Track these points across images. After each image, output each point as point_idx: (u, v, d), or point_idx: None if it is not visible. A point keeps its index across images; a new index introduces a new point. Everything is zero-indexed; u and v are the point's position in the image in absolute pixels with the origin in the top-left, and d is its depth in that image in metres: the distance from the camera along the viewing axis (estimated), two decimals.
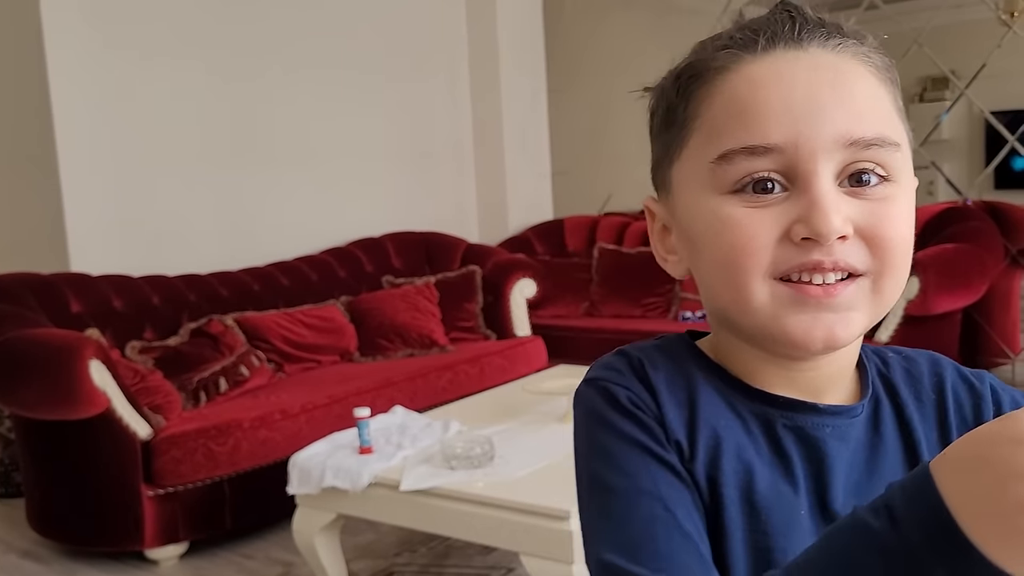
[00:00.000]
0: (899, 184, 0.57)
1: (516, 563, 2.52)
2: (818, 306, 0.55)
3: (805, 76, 0.55)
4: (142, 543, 2.69)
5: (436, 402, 3.22)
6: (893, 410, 0.63)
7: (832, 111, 0.54)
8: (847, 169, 0.55)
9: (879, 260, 0.55)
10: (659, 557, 0.54)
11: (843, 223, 0.54)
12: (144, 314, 3.31)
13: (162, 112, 3.62)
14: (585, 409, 0.62)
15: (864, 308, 0.56)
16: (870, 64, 0.57)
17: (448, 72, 4.98)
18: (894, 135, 0.56)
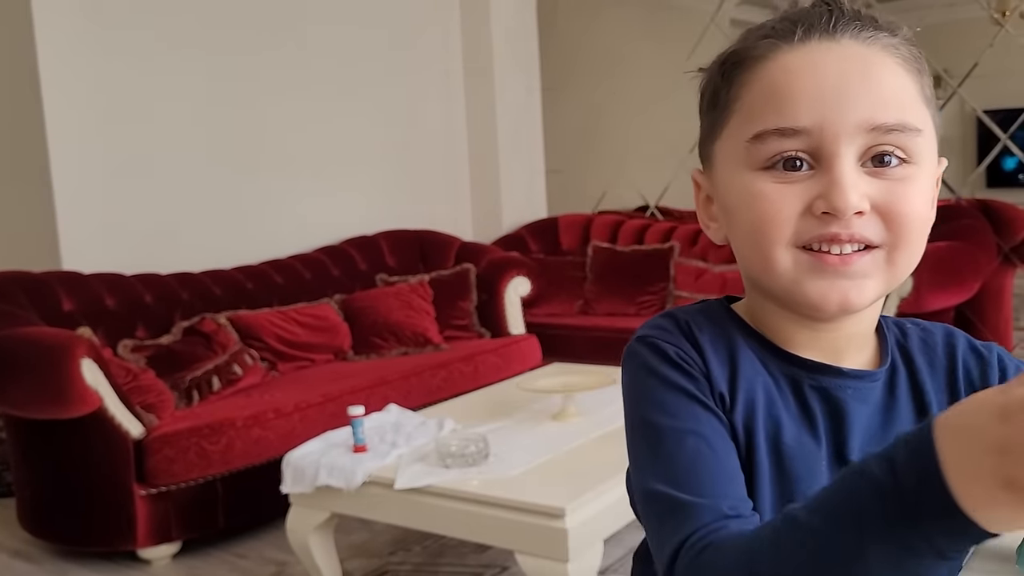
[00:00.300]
0: (919, 166, 0.62)
1: (510, 562, 2.51)
2: (835, 273, 0.61)
3: (836, 66, 0.60)
4: (135, 543, 2.68)
5: (430, 400, 3.22)
6: (908, 375, 0.68)
7: (857, 99, 0.60)
8: (870, 151, 0.61)
9: (893, 234, 0.61)
10: (702, 486, 0.61)
11: (860, 199, 0.60)
12: (136, 312, 3.30)
13: (155, 110, 3.60)
14: (636, 363, 0.69)
15: (877, 277, 0.62)
16: (898, 55, 0.62)
17: (442, 70, 4.97)
18: (916, 122, 0.61)
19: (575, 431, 2.27)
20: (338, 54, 4.35)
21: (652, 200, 5.47)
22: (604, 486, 1.92)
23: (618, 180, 5.49)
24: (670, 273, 4.43)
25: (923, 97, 0.63)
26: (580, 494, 1.85)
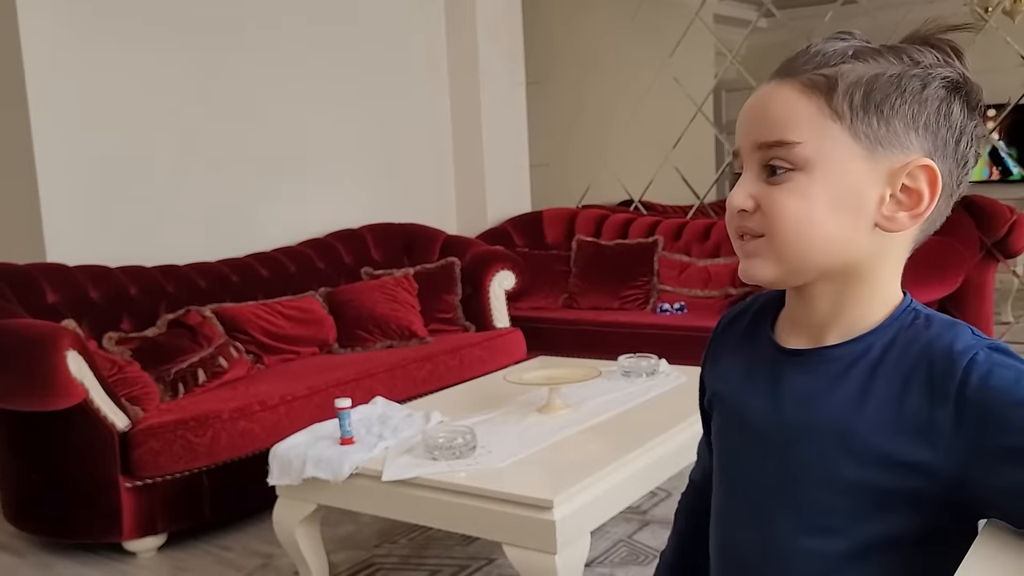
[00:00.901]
0: (809, 172, 0.73)
1: (497, 554, 2.53)
2: (742, 251, 0.78)
3: (750, 103, 0.78)
4: (120, 535, 2.67)
5: (415, 393, 3.22)
6: (873, 361, 0.75)
7: (751, 125, 0.76)
8: (765, 164, 0.75)
9: (768, 225, 0.75)
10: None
11: (743, 200, 0.76)
12: (121, 305, 3.28)
13: (141, 103, 3.58)
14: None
15: (766, 257, 0.76)
16: (800, 84, 0.74)
17: (427, 63, 4.97)
18: (795, 136, 0.73)
19: (561, 424, 2.29)
20: (324, 48, 4.34)
21: (636, 194, 5.49)
22: (591, 478, 1.93)
23: (602, 174, 5.51)
24: (654, 267, 4.45)
25: (828, 113, 0.72)
26: (568, 486, 1.86)
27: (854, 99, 0.72)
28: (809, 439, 0.76)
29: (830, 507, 0.75)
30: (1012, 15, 5.31)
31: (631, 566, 2.45)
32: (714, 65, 6.49)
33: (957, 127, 0.74)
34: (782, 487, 0.78)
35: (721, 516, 0.87)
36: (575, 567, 1.86)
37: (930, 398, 0.70)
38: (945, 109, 0.73)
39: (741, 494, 0.83)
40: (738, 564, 0.84)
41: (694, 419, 2.35)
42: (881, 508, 0.72)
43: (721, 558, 0.87)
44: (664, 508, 2.84)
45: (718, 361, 0.90)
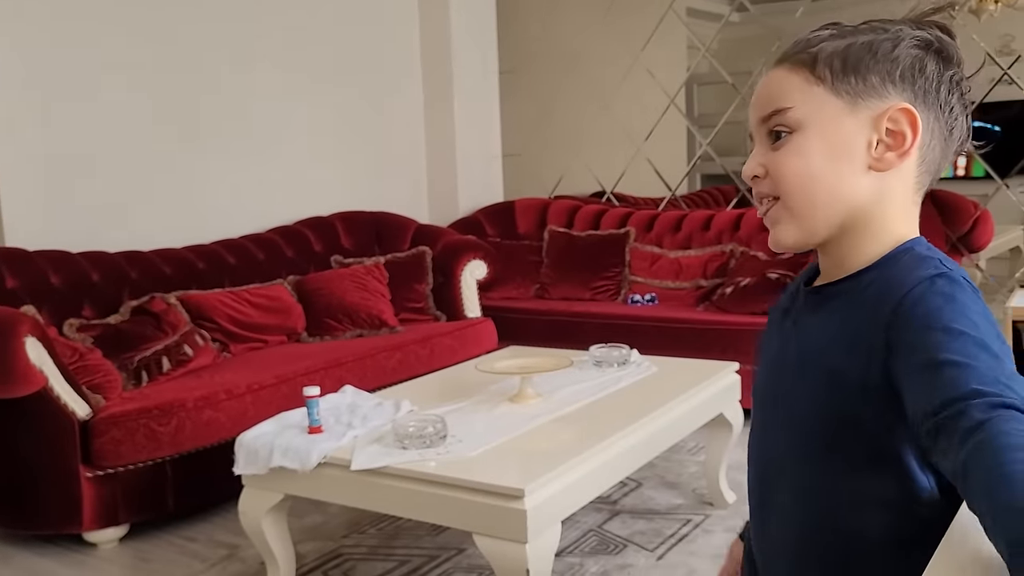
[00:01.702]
0: (803, 130, 0.84)
1: (466, 544, 2.51)
2: (767, 221, 0.88)
3: (757, 88, 0.89)
4: (80, 526, 2.61)
5: (385, 383, 3.19)
6: (858, 295, 0.82)
7: (756, 105, 0.88)
8: (770, 134, 0.86)
9: (777, 186, 0.85)
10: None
11: (754, 167, 0.87)
12: (83, 291, 3.21)
13: (102, 84, 3.50)
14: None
15: (785, 220, 0.86)
16: (790, 63, 0.85)
17: (399, 50, 4.92)
18: (784, 102, 0.84)
19: (533, 413, 2.27)
20: (294, 33, 4.28)
21: (609, 186, 5.48)
22: (562, 467, 1.92)
23: (575, 165, 5.49)
24: (625, 258, 4.45)
25: (812, 79, 0.83)
26: (539, 475, 1.84)
27: (833, 65, 0.83)
28: (804, 365, 0.85)
29: (808, 429, 0.84)
30: (978, 14, 5.36)
31: (601, 555, 2.44)
32: (686, 58, 6.49)
33: (934, 77, 0.83)
34: (775, 412, 0.90)
35: (754, 448, 0.96)
36: (545, 556, 1.84)
37: (879, 321, 0.77)
38: (919, 64, 0.82)
39: (757, 424, 0.94)
40: (756, 481, 0.94)
41: (665, 409, 2.36)
42: (853, 426, 0.79)
43: (749, 490, 0.97)
44: (633, 498, 2.84)
45: (768, 325, 1.00)
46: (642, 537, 2.55)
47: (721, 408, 2.66)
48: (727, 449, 2.74)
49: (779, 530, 0.90)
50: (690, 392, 2.50)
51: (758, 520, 0.95)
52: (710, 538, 2.53)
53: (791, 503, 0.88)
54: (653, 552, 2.46)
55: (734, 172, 5.56)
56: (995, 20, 5.44)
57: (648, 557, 2.43)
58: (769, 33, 5.09)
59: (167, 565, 2.56)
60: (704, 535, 2.56)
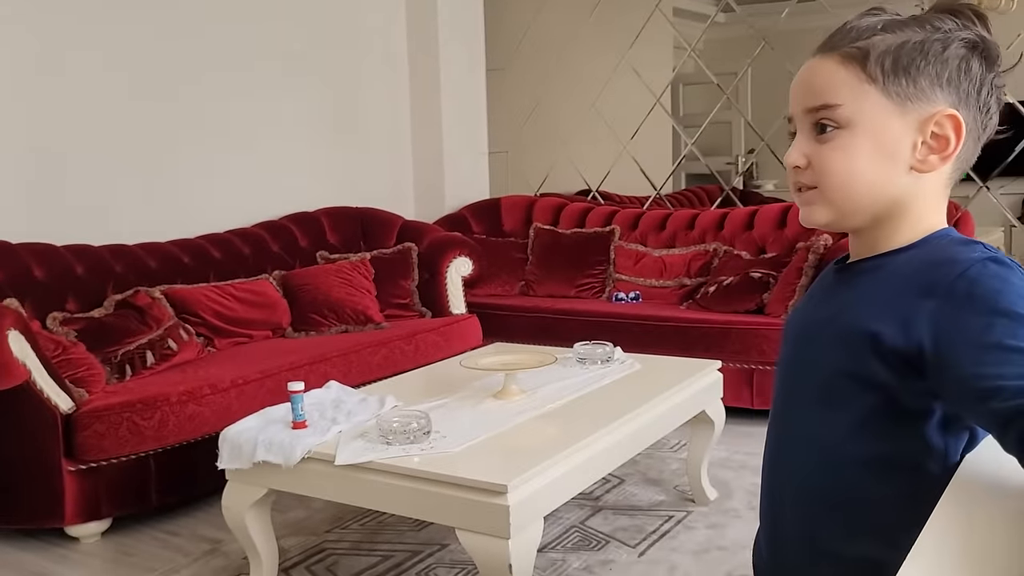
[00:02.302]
0: (852, 129, 0.87)
1: (449, 539, 2.52)
2: (800, 201, 0.93)
3: (799, 76, 0.93)
4: (62, 519, 2.60)
5: (370, 378, 3.20)
6: (890, 270, 0.88)
7: (800, 94, 0.91)
8: (816, 125, 0.89)
9: (819, 178, 0.90)
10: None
11: (797, 158, 0.91)
12: (66, 284, 3.20)
13: (87, 76, 3.49)
14: None
15: (820, 204, 0.91)
16: (838, 56, 0.88)
17: (386, 46, 4.91)
18: (837, 99, 0.87)
19: (517, 409, 2.28)
20: (281, 26, 4.27)
21: (594, 184, 5.50)
22: (546, 463, 1.93)
23: (561, 163, 5.51)
24: (610, 256, 4.47)
25: (864, 78, 0.86)
26: (522, 471, 1.85)
27: (885, 65, 0.86)
28: (827, 328, 0.90)
29: (834, 385, 0.88)
30: None
31: (583, 551, 2.46)
32: (672, 58, 6.52)
33: (977, 79, 0.86)
34: (806, 372, 0.93)
35: (771, 418, 1.02)
36: (528, 552, 1.85)
37: (921, 293, 0.81)
38: (965, 66, 0.86)
39: (780, 386, 0.99)
40: (773, 443, 0.99)
41: (648, 406, 2.38)
42: (869, 386, 0.85)
43: (763, 468, 1.02)
44: (616, 495, 2.86)
45: (801, 301, 1.05)
46: (624, 533, 2.57)
47: (703, 406, 2.69)
48: (709, 446, 2.77)
49: (793, 484, 0.95)
50: (673, 390, 2.52)
51: (773, 472, 1.00)
52: (692, 535, 2.56)
53: (806, 457, 0.93)
54: (635, 548, 2.48)
55: (718, 172, 5.59)
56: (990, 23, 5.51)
57: (630, 553, 2.45)
58: (755, 34, 5.12)
59: (149, 559, 2.55)
60: (686, 531, 2.58)
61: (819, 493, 0.91)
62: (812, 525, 0.92)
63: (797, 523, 0.94)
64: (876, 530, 0.88)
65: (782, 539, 0.98)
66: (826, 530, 0.91)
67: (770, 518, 1.00)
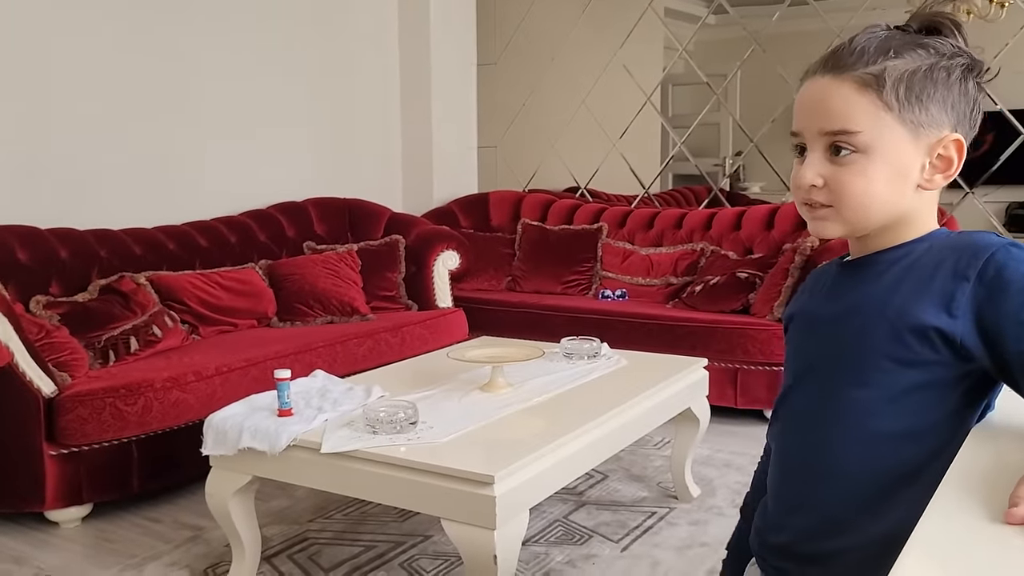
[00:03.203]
0: (869, 154, 0.91)
1: (433, 531, 2.52)
2: (811, 216, 0.97)
3: (809, 94, 0.95)
4: (42, 504, 2.59)
5: (355, 369, 3.19)
6: (913, 260, 0.92)
7: (814, 114, 0.94)
8: (831, 146, 0.93)
9: (836, 199, 0.94)
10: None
11: (813, 177, 0.94)
12: (51, 268, 3.17)
13: (71, 55, 3.46)
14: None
15: (834, 220, 0.95)
16: (854, 80, 0.91)
17: (377, 38, 4.90)
18: (856, 126, 0.91)
19: (504, 401, 2.28)
20: (272, 14, 4.25)
21: (583, 181, 5.51)
22: (532, 456, 1.93)
23: (550, 159, 5.51)
24: (598, 253, 4.47)
25: (880, 105, 0.90)
26: (509, 463, 1.85)
27: (899, 93, 0.90)
28: (856, 314, 0.94)
29: (870, 365, 0.92)
30: None
31: (566, 545, 2.47)
32: (663, 58, 6.53)
33: (972, 101, 0.93)
34: (834, 354, 0.96)
35: (780, 404, 1.06)
36: (513, 543, 1.85)
37: (954, 277, 0.87)
38: (963, 88, 0.92)
39: (807, 375, 1.01)
40: (797, 430, 1.02)
41: (633, 402, 2.38)
42: (907, 365, 0.90)
43: (782, 446, 1.05)
44: (599, 490, 2.87)
45: (799, 297, 1.10)
46: (607, 528, 2.58)
47: (689, 403, 2.70)
48: (693, 444, 2.78)
49: (819, 461, 0.98)
50: (659, 386, 2.53)
51: (793, 450, 1.03)
52: (674, 531, 2.57)
53: (836, 434, 0.96)
54: (618, 543, 2.48)
55: (707, 172, 5.61)
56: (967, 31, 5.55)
57: (613, 548, 2.45)
58: (746, 36, 5.14)
59: (130, 545, 2.54)
60: (668, 527, 2.59)
61: (848, 468, 0.95)
62: (840, 500, 0.96)
63: (822, 498, 0.97)
64: (902, 503, 0.91)
65: (803, 510, 1.00)
66: (853, 505, 0.94)
67: (787, 492, 1.03)
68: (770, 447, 1.13)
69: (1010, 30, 4.30)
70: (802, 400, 1.01)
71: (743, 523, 1.23)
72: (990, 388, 0.92)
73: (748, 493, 1.24)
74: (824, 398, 0.97)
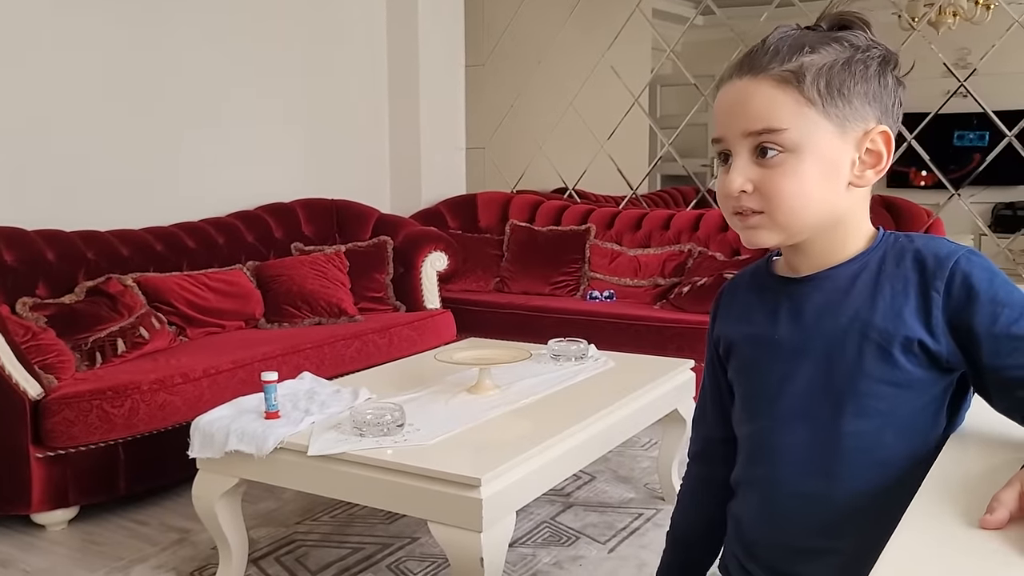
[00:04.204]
0: (798, 152, 0.88)
1: (420, 533, 2.52)
2: (743, 226, 0.93)
3: (729, 97, 0.92)
4: (29, 507, 2.58)
5: (343, 371, 3.19)
6: (874, 272, 0.91)
7: (736, 116, 0.91)
8: (756, 148, 0.90)
9: (768, 203, 0.90)
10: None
11: (743, 183, 0.90)
12: (37, 270, 3.16)
13: (59, 56, 3.44)
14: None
15: (768, 228, 0.91)
16: (774, 78, 0.89)
17: (366, 39, 4.90)
18: (781, 123, 0.88)
19: (491, 403, 2.29)
20: (260, 15, 4.24)
21: (571, 182, 5.52)
22: (519, 458, 1.94)
23: (538, 160, 5.51)
24: (586, 254, 4.48)
25: (803, 100, 0.88)
26: (495, 465, 1.86)
27: (820, 87, 0.88)
28: (838, 341, 0.91)
29: (864, 392, 0.90)
30: (936, 26, 5.49)
31: (553, 547, 2.47)
32: (651, 59, 6.54)
33: (892, 92, 0.92)
34: (823, 387, 0.93)
35: (757, 438, 1.01)
36: (500, 546, 1.86)
37: (926, 289, 0.87)
38: (883, 81, 0.91)
39: (783, 407, 0.96)
40: (793, 465, 0.96)
41: (620, 404, 2.39)
42: (903, 387, 0.89)
43: (758, 478, 1.01)
44: (586, 491, 2.88)
45: (730, 315, 1.06)
46: (594, 529, 2.59)
47: (676, 404, 2.71)
48: (680, 445, 2.79)
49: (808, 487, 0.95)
50: (646, 388, 2.54)
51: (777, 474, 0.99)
52: (661, 532, 2.57)
53: (832, 461, 0.94)
54: (605, 544, 2.49)
55: (695, 173, 5.63)
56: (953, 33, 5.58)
57: (600, 549, 2.46)
58: (732, 37, 5.16)
59: (117, 548, 2.53)
60: (655, 529, 2.60)
61: (856, 496, 0.92)
62: (844, 523, 0.93)
63: (826, 522, 0.95)
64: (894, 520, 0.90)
65: (803, 536, 0.97)
66: (857, 524, 0.92)
67: (781, 520, 0.99)
68: (710, 477, 1.12)
69: (996, 32, 4.34)
70: (789, 437, 0.97)
71: (675, 554, 1.19)
72: (968, 387, 0.93)
73: (676, 519, 1.20)
74: (819, 432, 0.94)
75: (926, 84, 5.22)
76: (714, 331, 1.09)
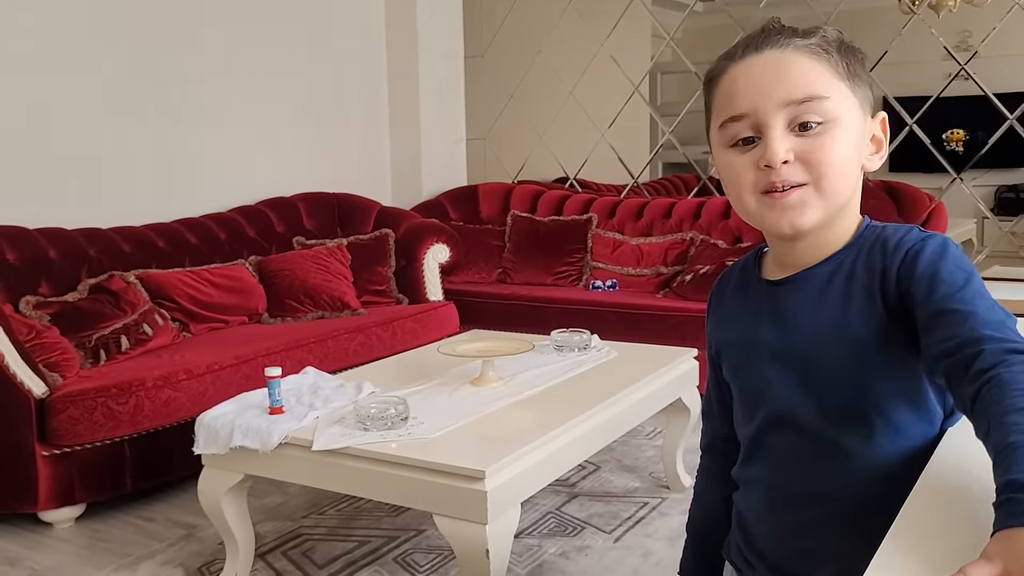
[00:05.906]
0: (835, 123, 0.86)
1: (426, 525, 2.53)
2: (781, 206, 0.88)
3: (759, 68, 0.88)
4: (36, 505, 2.59)
5: (346, 365, 3.19)
6: (848, 270, 0.90)
7: (774, 87, 0.87)
8: (794, 120, 0.87)
9: (814, 174, 0.86)
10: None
11: (785, 152, 0.86)
12: (40, 268, 3.16)
13: (59, 55, 3.44)
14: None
15: (813, 203, 0.87)
16: (808, 49, 0.87)
17: (365, 31, 4.88)
18: (823, 91, 0.86)
19: (494, 396, 2.29)
20: (259, 9, 4.22)
21: (572, 172, 5.51)
22: (523, 450, 1.94)
23: (539, 150, 5.50)
24: (587, 244, 4.48)
25: (835, 73, 0.87)
26: (499, 457, 1.86)
27: (844, 63, 0.88)
28: (817, 344, 0.90)
29: (848, 394, 0.89)
30: (937, 9, 5.45)
31: (559, 537, 2.48)
32: (651, 47, 6.52)
33: (868, 85, 0.92)
34: (807, 390, 0.91)
35: (753, 439, 1.00)
36: (505, 537, 1.86)
37: (885, 270, 0.86)
38: (865, 72, 0.91)
39: (771, 410, 0.96)
40: (785, 468, 0.96)
41: (624, 394, 2.39)
42: (883, 383, 0.87)
43: (754, 478, 1.00)
44: (591, 481, 2.88)
45: (719, 316, 1.06)
46: (600, 519, 2.59)
47: (679, 393, 2.71)
48: (684, 434, 2.79)
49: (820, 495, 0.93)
50: (649, 377, 2.54)
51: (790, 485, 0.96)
52: (666, 521, 2.58)
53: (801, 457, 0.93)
54: (610, 534, 2.50)
55: (696, 161, 5.62)
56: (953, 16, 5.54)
57: (605, 539, 2.47)
58: (733, 24, 5.13)
59: (124, 545, 2.54)
60: (660, 518, 2.60)
61: (862, 499, 0.90)
62: (853, 520, 0.91)
63: (837, 518, 0.93)
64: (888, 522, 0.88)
65: (813, 534, 0.95)
66: (868, 519, 0.88)
67: (789, 519, 0.98)
68: (718, 472, 1.12)
69: (997, 15, 4.31)
70: (780, 439, 0.96)
71: (696, 546, 1.20)
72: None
73: (693, 510, 1.21)
74: (807, 435, 0.92)
75: (929, 67, 5.20)
76: (708, 330, 1.09)
